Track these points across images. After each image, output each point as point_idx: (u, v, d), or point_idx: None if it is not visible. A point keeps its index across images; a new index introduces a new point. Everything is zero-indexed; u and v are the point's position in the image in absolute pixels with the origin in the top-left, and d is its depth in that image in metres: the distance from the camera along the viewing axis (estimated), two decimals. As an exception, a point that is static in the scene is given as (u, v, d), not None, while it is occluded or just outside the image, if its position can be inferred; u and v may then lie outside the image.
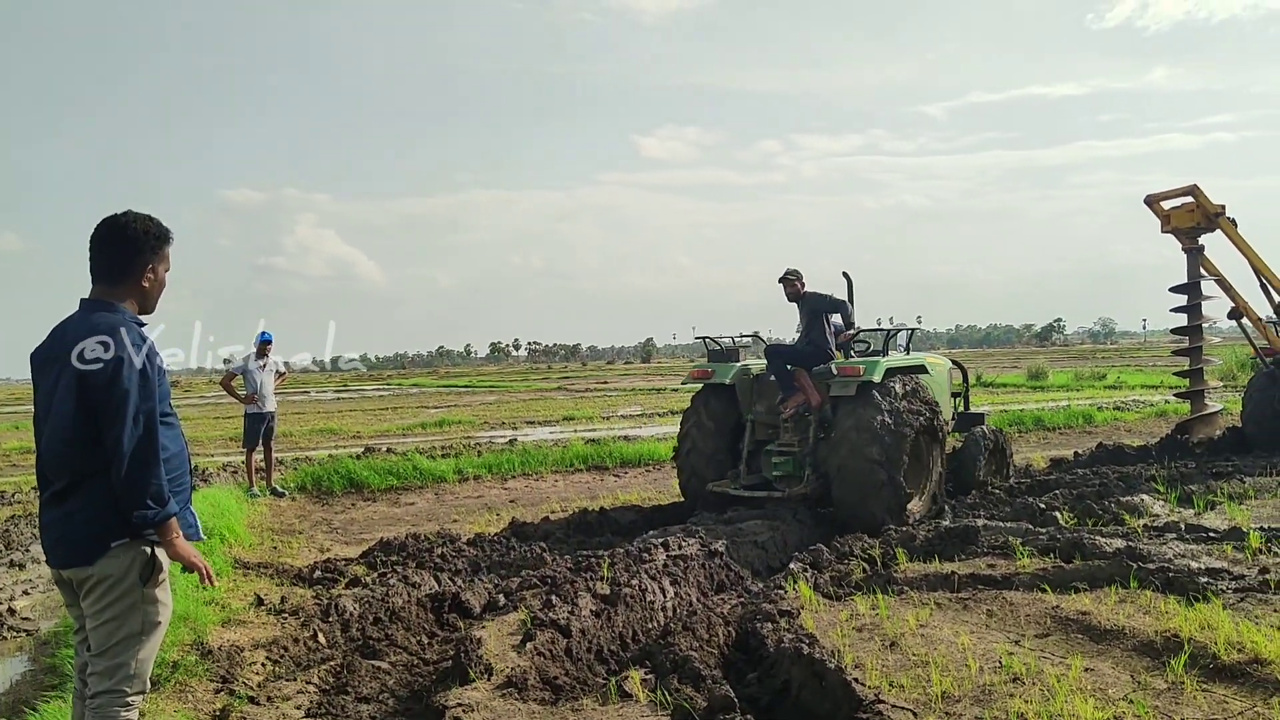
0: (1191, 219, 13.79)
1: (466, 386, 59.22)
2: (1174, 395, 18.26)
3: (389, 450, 16.67)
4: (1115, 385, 33.07)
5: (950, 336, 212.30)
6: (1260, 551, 7.42)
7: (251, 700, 5.05)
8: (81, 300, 3.53)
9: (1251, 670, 4.88)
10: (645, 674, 5.16)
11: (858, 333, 10.02)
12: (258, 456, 13.15)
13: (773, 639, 5.49)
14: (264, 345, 13.08)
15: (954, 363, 11.72)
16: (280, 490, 13.15)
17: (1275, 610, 5.87)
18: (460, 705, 4.78)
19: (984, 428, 11.17)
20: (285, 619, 6.68)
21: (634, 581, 6.65)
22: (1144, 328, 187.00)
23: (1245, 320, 13.83)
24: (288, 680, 5.29)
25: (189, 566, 3.44)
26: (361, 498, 13.23)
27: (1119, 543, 7.70)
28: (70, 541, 3.33)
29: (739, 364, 10.19)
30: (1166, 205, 14.13)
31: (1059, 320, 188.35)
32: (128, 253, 3.50)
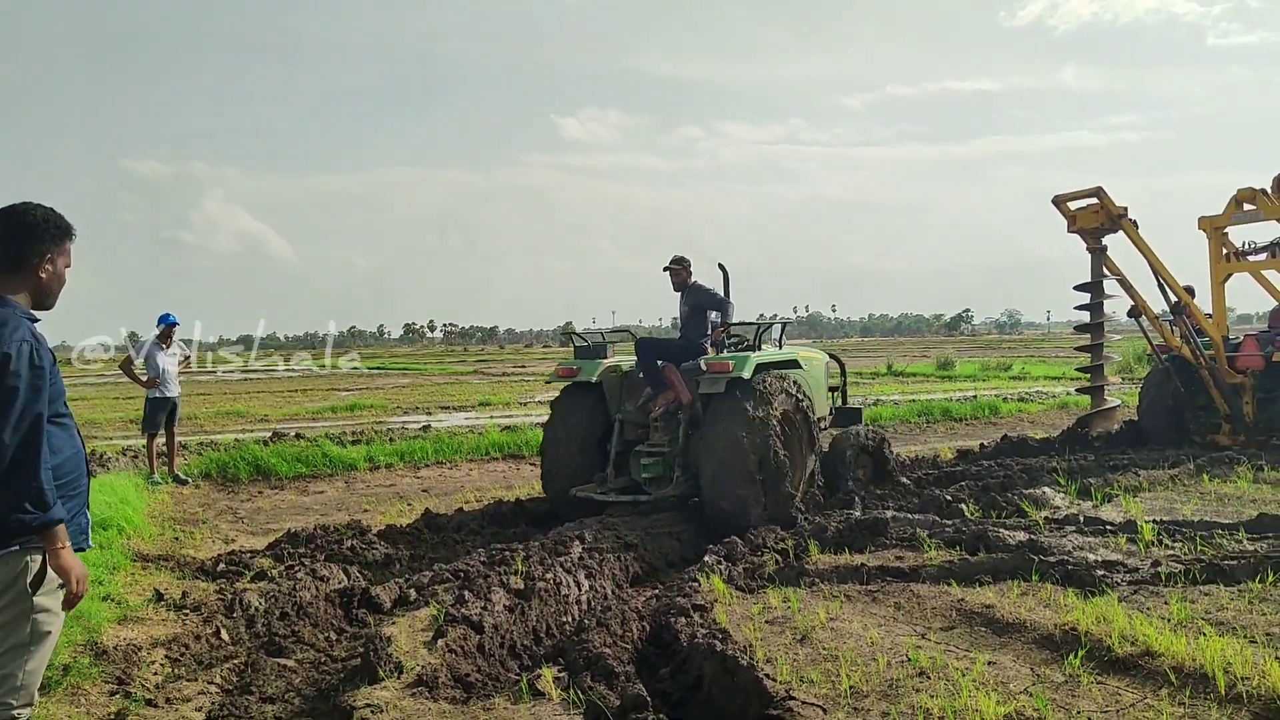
0: (1096, 220, 14.20)
1: (379, 369, 58.29)
2: (1075, 390, 18.85)
3: (298, 435, 16.31)
4: (1020, 376, 34.07)
5: (863, 325, 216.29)
6: (1152, 544, 7.71)
7: (149, 703, 4.89)
8: None
9: (1143, 662, 5.06)
10: (559, 671, 5.14)
11: (728, 328, 9.69)
12: (160, 441, 12.76)
13: (686, 634, 5.52)
14: (168, 329, 12.68)
15: (831, 356, 11.47)
16: (183, 477, 12.78)
17: (1166, 602, 6.11)
18: (369, 705, 4.70)
19: (860, 427, 10.89)
20: (186, 615, 6.49)
21: (549, 575, 6.63)
22: (1048, 319, 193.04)
23: (1143, 318, 14.33)
24: (188, 680, 5.14)
25: (65, 583, 3.29)
26: (269, 485, 12.93)
27: (1021, 535, 7.92)
28: None
29: (607, 361, 9.80)
30: (1073, 206, 14.53)
31: (968, 311, 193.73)
32: (25, 242, 3.34)
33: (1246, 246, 14.75)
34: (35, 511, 3.13)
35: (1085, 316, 14.89)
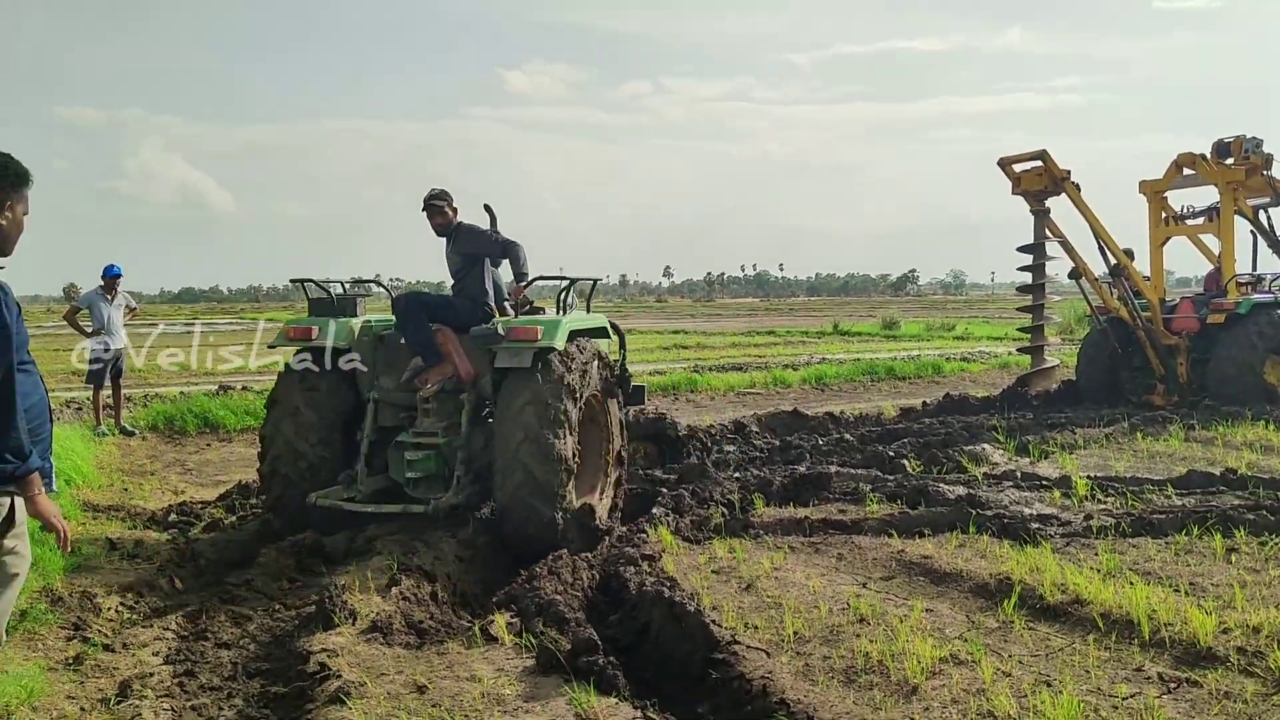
0: (1040, 182, 14.45)
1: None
2: (1016, 350, 19.26)
3: (244, 388, 16.17)
4: (963, 336, 34.65)
5: (810, 284, 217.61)
6: (1086, 499, 8.01)
7: (106, 648, 4.93)
8: None
9: (1073, 610, 5.30)
10: (511, 617, 5.26)
11: (530, 283, 7.41)
12: (105, 393, 12.60)
13: (634, 582, 5.67)
14: (112, 280, 12.47)
15: (611, 324, 8.38)
16: (130, 429, 12.64)
17: (1096, 554, 6.37)
18: (325, 650, 4.78)
19: (640, 407, 9.02)
20: (139, 564, 6.51)
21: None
22: (992, 280, 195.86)
23: (1083, 280, 14.66)
24: (144, 627, 5.18)
25: (48, 526, 3.33)
26: (217, 438, 12.84)
27: (961, 490, 8.18)
28: None
29: (357, 319, 7.43)
30: (1018, 168, 14.75)
31: (913, 271, 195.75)
32: None
33: (1185, 211, 15.14)
34: (15, 461, 3.16)
35: (1028, 277, 15.19)
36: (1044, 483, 8.65)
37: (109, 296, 12.42)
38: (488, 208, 7.66)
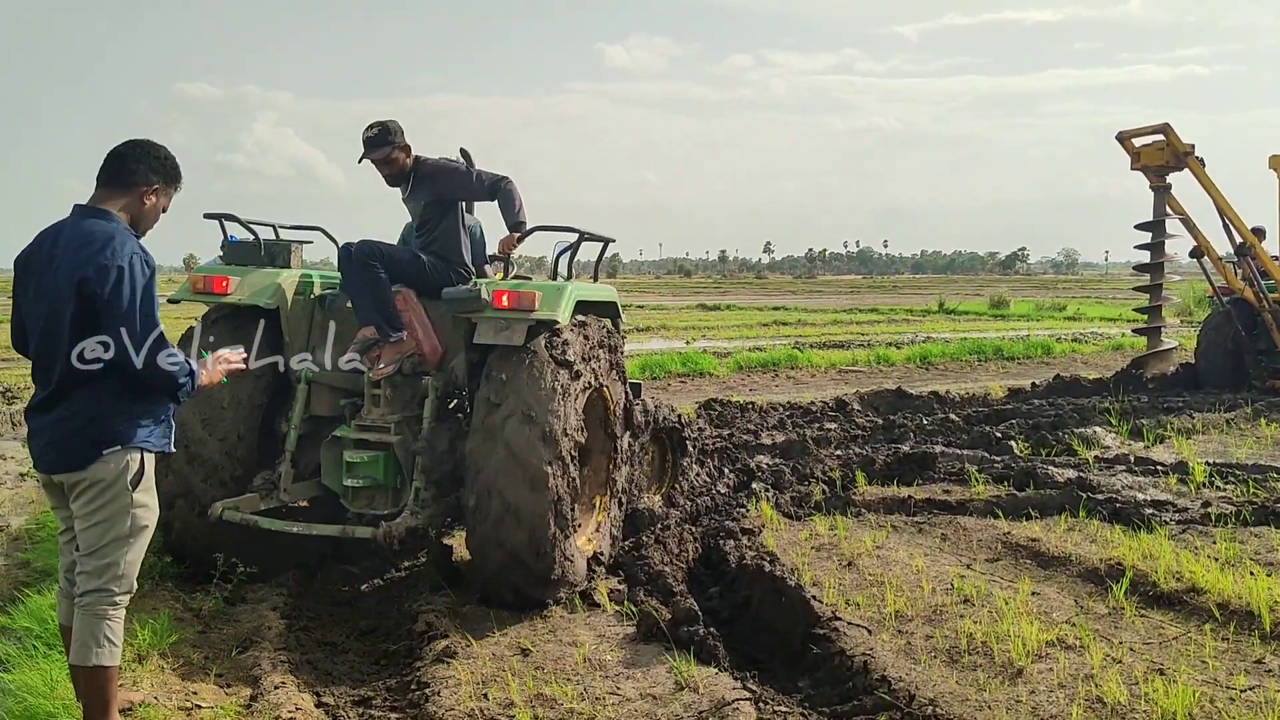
0: (1161, 157, 13.90)
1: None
2: (1132, 330, 18.61)
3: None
4: (1074, 317, 33.60)
5: (915, 262, 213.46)
6: (1204, 485, 7.72)
7: (228, 601, 5.17)
8: (75, 206, 3.55)
9: (1188, 598, 5.13)
10: (618, 584, 5.34)
11: (528, 233, 5.59)
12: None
13: (735, 555, 5.70)
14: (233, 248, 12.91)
15: None
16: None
17: (1214, 542, 6.14)
18: (432, 610, 4.94)
19: (644, 401, 6.58)
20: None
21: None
22: (1106, 260, 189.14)
23: (1205, 259, 14.08)
24: (262, 584, 5.40)
25: (228, 373, 3.83)
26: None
27: (1070, 473, 7.98)
28: (62, 447, 3.39)
29: (290, 272, 5.68)
30: (1137, 143, 14.22)
31: (1023, 249, 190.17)
32: (144, 166, 3.56)
33: (1318, 187, 14.37)
34: (186, 381, 3.48)
35: (1145, 256, 14.66)
36: (1159, 468, 8.37)
37: (229, 267, 12.87)
38: (464, 152, 5.88)
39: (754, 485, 7.64)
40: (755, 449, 9.08)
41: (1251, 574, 5.36)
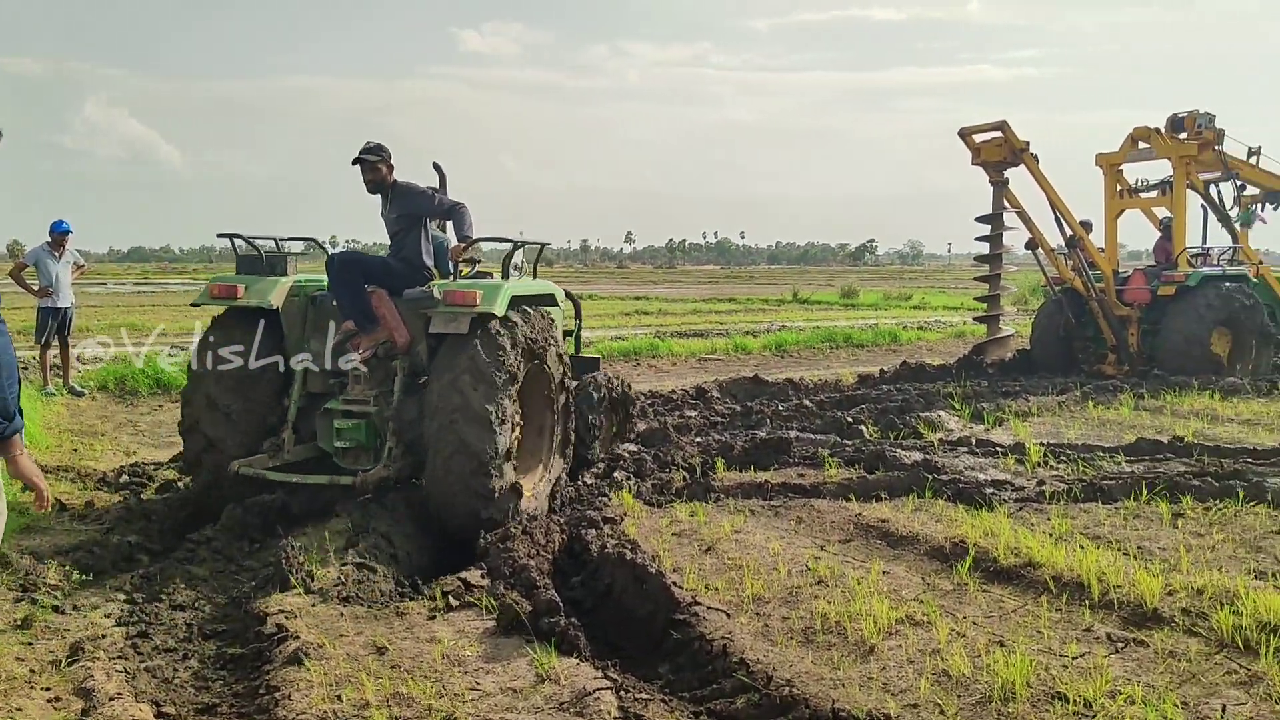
0: (999, 153, 14.55)
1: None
2: (973, 318, 19.47)
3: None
4: (920, 306, 35.00)
5: (771, 253, 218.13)
6: (1039, 465, 8.15)
7: (56, 609, 4.86)
8: None
9: (1026, 573, 5.40)
10: (480, 576, 5.27)
11: (472, 244, 6.96)
12: (53, 353, 12.35)
13: (596, 544, 5.69)
14: (61, 236, 12.17)
15: (565, 292, 8.39)
16: (79, 389, 12.41)
17: (1048, 518, 6.49)
18: (282, 611, 4.75)
19: (599, 375, 8.36)
20: (90, 525, 6.41)
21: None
22: (949, 251, 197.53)
23: (1039, 251, 14.83)
24: (95, 589, 5.11)
25: (31, 485, 3.29)
26: (170, 398, 12.61)
27: (917, 455, 8.30)
28: None
29: (287, 279, 7.01)
30: (977, 139, 14.84)
31: (872, 241, 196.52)
32: None
33: (1139, 184, 15.34)
34: (3, 422, 3.11)
35: (985, 248, 15.33)
36: (998, 449, 8.79)
37: (56, 254, 12.13)
38: (437, 166, 7.53)
39: (616, 474, 7.67)
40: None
41: (1081, 548, 5.69)
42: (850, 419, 10.21)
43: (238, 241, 7.10)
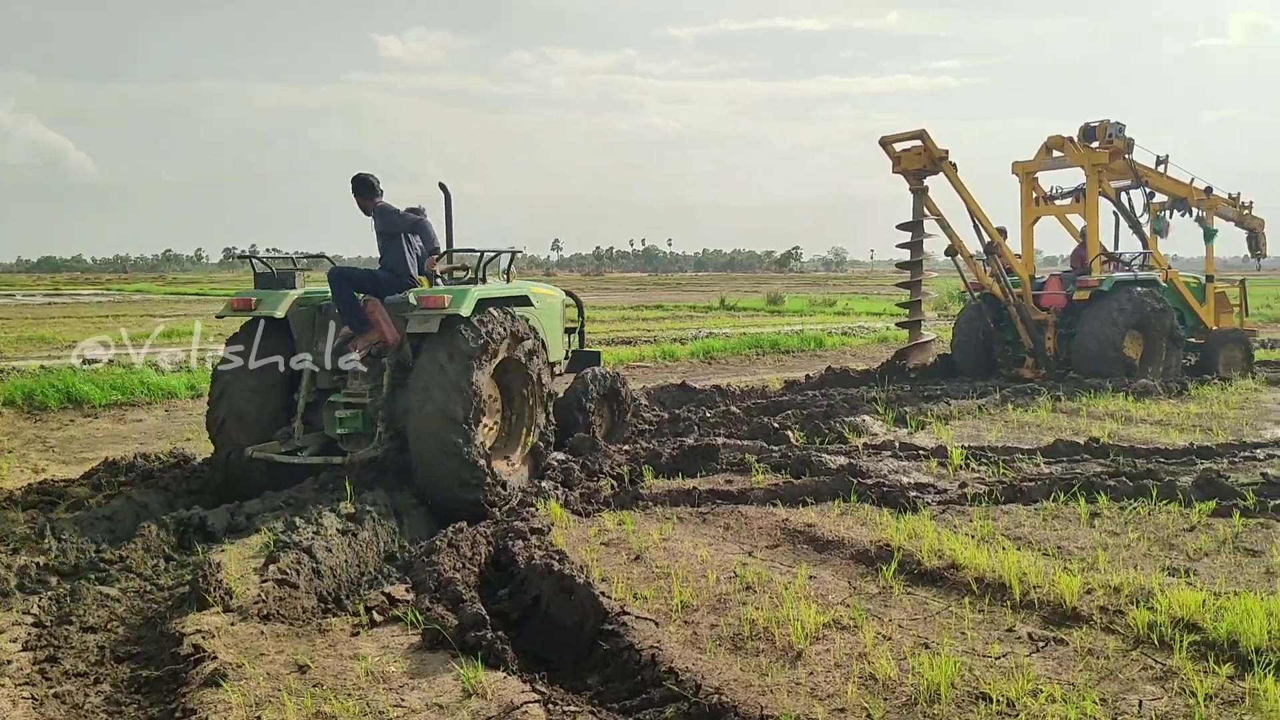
0: (919, 161, 14.81)
1: (198, 294, 55.57)
2: (895, 324, 19.78)
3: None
4: (844, 312, 35.48)
5: (698, 260, 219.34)
6: (961, 468, 8.29)
7: (-43, 635, 4.65)
8: None
9: (949, 574, 5.48)
10: (406, 590, 5.17)
11: (442, 255, 8.27)
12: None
13: (524, 556, 5.63)
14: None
15: (568, 294, 10.07)
16: (-17, 405, 11.94)
17: (971, 520, 6.60)
18: (199, 631, 4.62)
19: (597, 370, 9.66)
20: (-6, 546, 6.15)
21: (379, 500, 6.63)
22: (872, 258, 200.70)
23: (959, 257, 15.12)
24: (1, 612, 4.90)
25: None
26: (81, 414, 12.24)
27: (842, 460, 8.38)
28: None
29: (295, 292, 7.96)
30: (898, 147, 15.09)
31: (797, 248, 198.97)
32: None
33: (1054, 191, 15.74)
34: None
35: (906, 254, 15.58)
36: (921, 452, 8.93)
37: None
38: (442, 186, 8.47)
39: (544, 484, 7.61)
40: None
41: (1003, 549, 5.80)
42: (777, 425, 10.28)
43: (255, 260, 8.26)
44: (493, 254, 8.21)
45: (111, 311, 35.82)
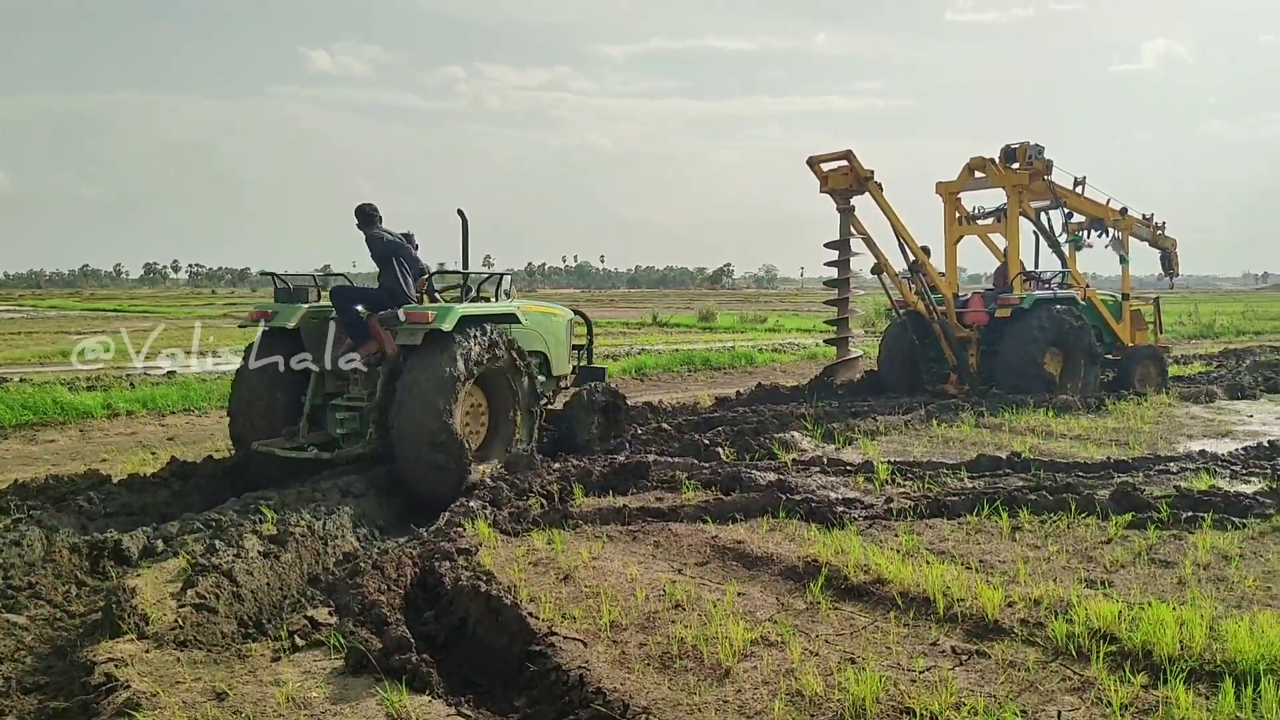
0: (846, 181, 15.05)
1: (116, 310, 54.09)
2: (823, 340, 20.03)
3: (22, 380, 14.97)
4: (775, 329, 35.81)
5: (630, 277, 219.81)
6: (887, 483, 8.40)
7: None
8: None
9: (875, 589, 5.54)
10: (329, 614, 5.07)
11: (431, 275, 9.27)
12: None
13: (450, 577, 5.56)
14: None
15: (578, 313, 11.02)
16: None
17: (896, 535, 6.69)
18: (112, 660, 4.47)
19: (597, 384, 10.54)
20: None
21: (302, 522, 6.49)
22: (802, 275, 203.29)
23: (885, 275, 15.38)
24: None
25: None
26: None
27: (772, 476, 8.44)
28: None
29: (308, 305, 8.91)
30: (825, 167, 15.32)
31: (728, 265, 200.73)
32: None
33: (976, 211, 16.10)
34: None
35: (834, 272, 15.80)
36: (848, 468, 9.03)
37: None
38: (460, 213, 9.19)
39: (471, 503, 7.52)
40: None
41: (927, 563, 5.89)
42: (707, 441, 10.32)
43: (275, 277, 9.24)
44: (485, 275, 9.48)
45: (24, 329, 34.66)
